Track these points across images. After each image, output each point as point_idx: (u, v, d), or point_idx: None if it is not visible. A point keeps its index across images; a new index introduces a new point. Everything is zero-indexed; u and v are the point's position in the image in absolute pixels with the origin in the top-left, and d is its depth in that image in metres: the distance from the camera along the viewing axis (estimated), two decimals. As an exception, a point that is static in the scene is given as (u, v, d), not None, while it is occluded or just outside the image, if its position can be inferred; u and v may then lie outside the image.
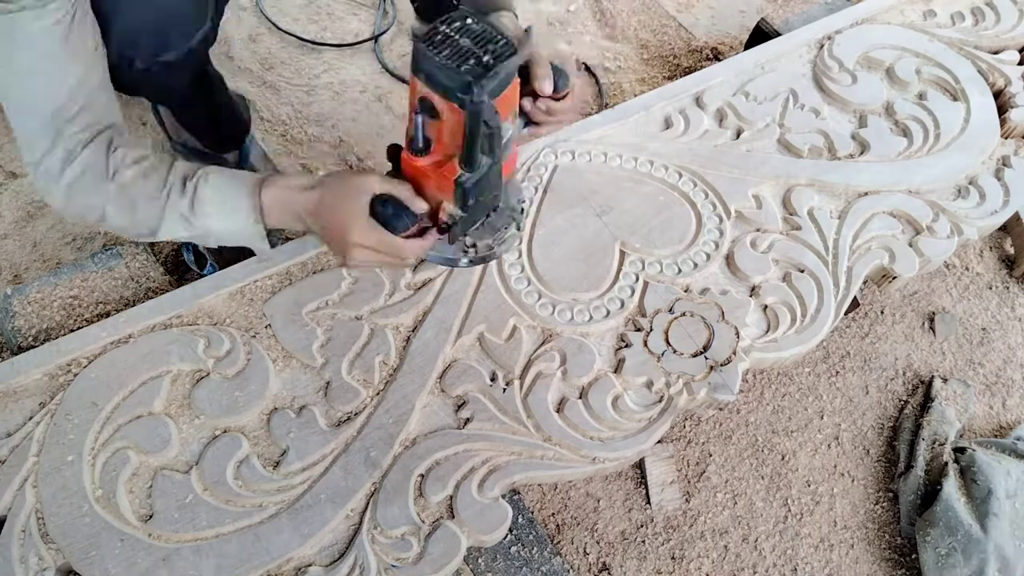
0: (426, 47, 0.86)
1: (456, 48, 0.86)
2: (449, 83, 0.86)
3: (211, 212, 1.00)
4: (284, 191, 1.01)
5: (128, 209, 1.00)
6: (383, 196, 0.96)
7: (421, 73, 0.88)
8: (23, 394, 1.06)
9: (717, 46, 2.04)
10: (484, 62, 0.86)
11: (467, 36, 0.87)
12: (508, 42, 0.88)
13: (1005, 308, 1.59)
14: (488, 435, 1.06)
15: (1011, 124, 1.49)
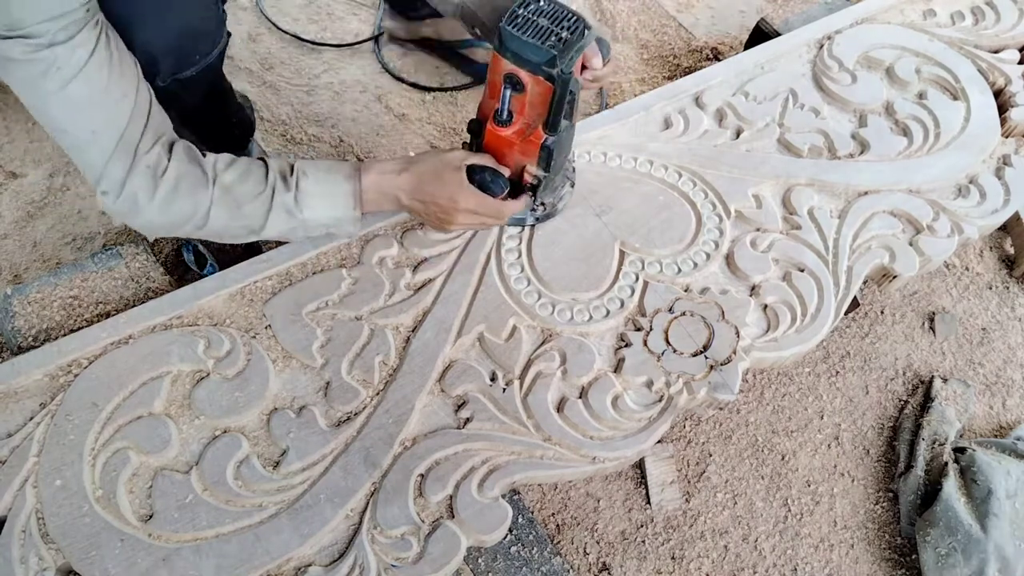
0: (511, 28, 0.98)
1: (537, 27, 0.98)
2: (536, 58, 0.98)
3: (315, 204, 1.07)
4: (380, 176, 1.09)
5: (233, 209, 1.04)
6: (475, 166, 1.09)
7: (508, 52, 0.99)
8: (23, 394, 1.06)
9: (717, 46, 2.04)
10: (563, 38, 0.97)
11: (543, 16, 0.99)
12: (579, 18, 1.00)
13: (1005, 308, 1.59)
14: (488, 435, 1.06)
15: (1011, 123, 1.49)
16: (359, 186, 1.09)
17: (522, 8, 1.00)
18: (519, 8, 1.00)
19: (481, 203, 1.09)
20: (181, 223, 1.04)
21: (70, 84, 0.90)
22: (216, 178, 1.03)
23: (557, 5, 1.01)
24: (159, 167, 1.00)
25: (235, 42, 1.90)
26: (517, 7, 1.00)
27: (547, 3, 1.01)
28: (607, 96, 1.91)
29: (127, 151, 0.97)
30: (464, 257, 1.22)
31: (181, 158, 1.02)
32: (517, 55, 0.99)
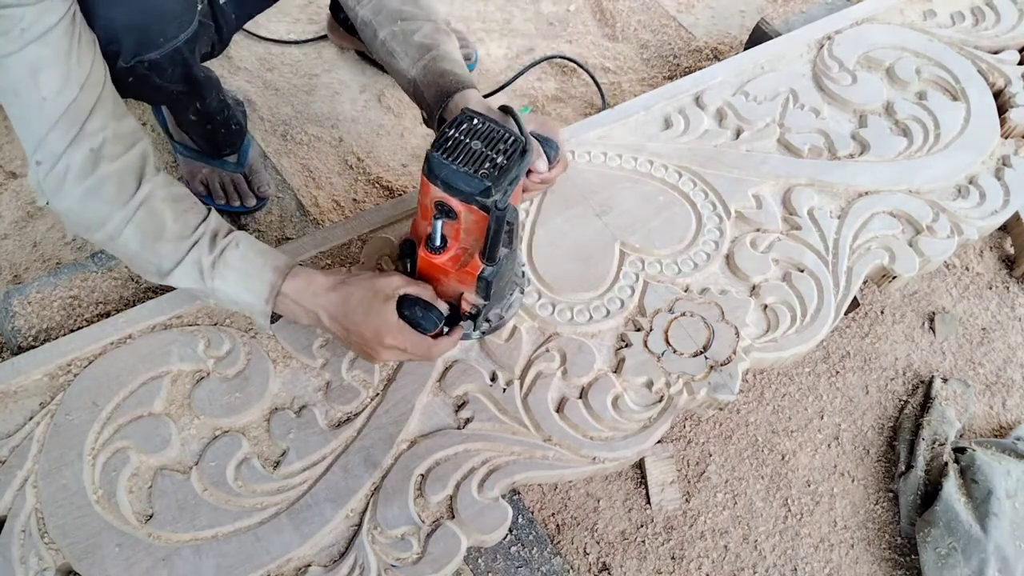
0: (440, 155, 0.89)
1: (469, 152, 0.89)
2: (468, 188, 0.88)
3: (230, 278, 0.99)
4: (307, 286, 1.00)
5: (149, 238, 0.97)
6: (408, 297, 0.98)
7: (437, 180, 0.89)
8: (23, 394, 1.06)
9: (717, 46, 2.04)
10: (498, 164, 0.89)
11: (477, 138, 0.90)
12: (516, 140, 0.91)
13: (1005, 308, 1.59)
14: (488, 435, 1.06)
15: (1011, 124, 1.49)
16: (280, 285, 1.00)
17: (453, 129, 0.91)
18: (450, 130, 0.91)
19: (408, 341, 0.98)
20: (96, 225, 0.96)
21: (30, 45, 0.86)
22: (147, 198, 0.96)
23: (492, 125, 0.92)
24: (101, 153, 0.93)
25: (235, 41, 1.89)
26: (448, 128, 0.91)
27: (481, 122, 0.92)
28: (608, 96, 1.91)
29: (73, 122, 0.91)
30: (464, 257, 1.22)
31: (130, 162, 0.96)
32: (447, 184, 0.89)
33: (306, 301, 1.00)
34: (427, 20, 1.16)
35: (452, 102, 1.09)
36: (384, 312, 0.96)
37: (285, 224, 1.60)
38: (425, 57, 1.12)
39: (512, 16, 2.09)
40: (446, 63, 1.12)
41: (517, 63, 1.97)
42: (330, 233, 1.25)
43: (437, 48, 1.13)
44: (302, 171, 1.71)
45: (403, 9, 1.16)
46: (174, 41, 1.11)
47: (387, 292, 0.97)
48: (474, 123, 0.92)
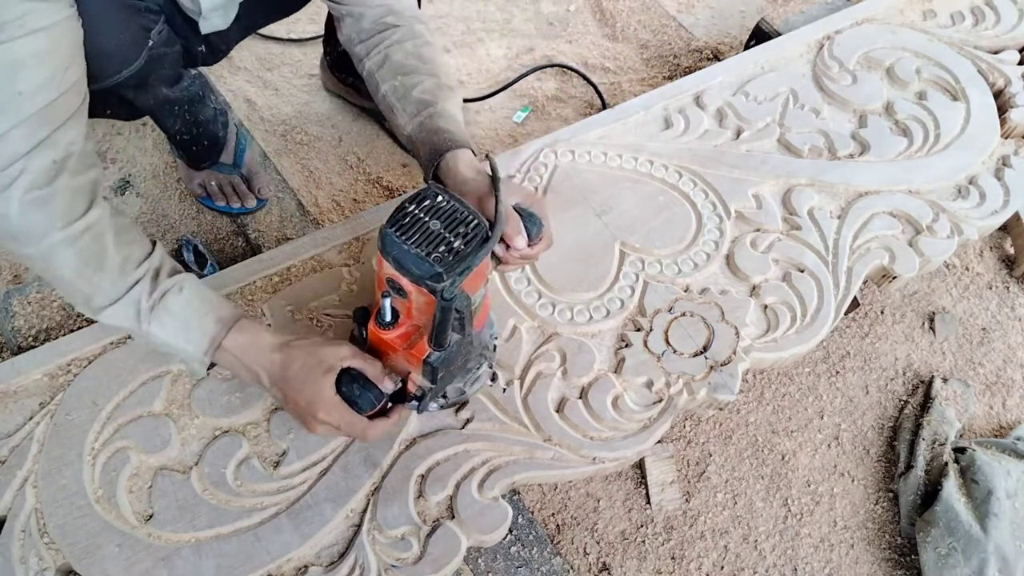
0: (393, 232, 0.83)
1: (425, 232, 0.83)
2: (419, 272, 0.83)
3: (169, 325, 0.93)
4: (250, 343, 0.94)
5: (88, 267, 0.90)
6: (351, 371, 0.92)
7: (389, 257, 0.84)
8: (23, 394, 1.06)
9: (717, 46, 2.04)
10: (454, 248, 0.83)
11: (437, 217, 0.84)
12: (479, 223, 0.85)
13: (1005, 308, 1.59)
14: (488, 435, 1.06)
15: (1011, 124, 1.49)
16: (223, 338, 0.94)
17: (414, 205, 0.85)
18: (410, 205, 0.85)
19: (342, 419, 0.91)
20: (31, 238, 0.87)
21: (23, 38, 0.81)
22: (94, 224, 0.89)
23: (456, 205, 0.85)
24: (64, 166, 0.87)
25: (235, 42, 1.89)
26: (408, 202, 0.85)
27: (445, 199, 0.85)
28: (607, 97, 1.91)
29: (44, 125, 0.84)
30: (464, 257, 1.22)
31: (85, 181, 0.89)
32: (398, 262, 0.83)
33: (248, 359, 0.95)
34: (429, 75, 1.11)
35: (444, 161, 1.05)
36: (321, 384, 0.90)
37: (285, 224, 1.60)
38: (422, 113, 1.08)
39: (512, 16, 2.09)
40: (442, 120, 1.07)
41: (517, 63, 1.97)
42: (330, 233, 1.25)
43: (435, 105, 1.08)
44: (302, 171, 1.71)
45: (405, 63, 1.12)
46: (114, 77, 1.09)
47: (330, 363, 0.91)
48: (437, 200, 0.85)
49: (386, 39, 1.14)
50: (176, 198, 1.63)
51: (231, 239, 1.59)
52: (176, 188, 1.64)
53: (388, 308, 0.89)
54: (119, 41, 1.07)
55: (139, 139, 1.69)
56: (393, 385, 0.95)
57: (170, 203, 1.62)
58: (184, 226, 1.59)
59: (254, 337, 0.95)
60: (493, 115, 1.86)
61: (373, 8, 1.14)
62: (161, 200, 1.63)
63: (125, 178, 1.65)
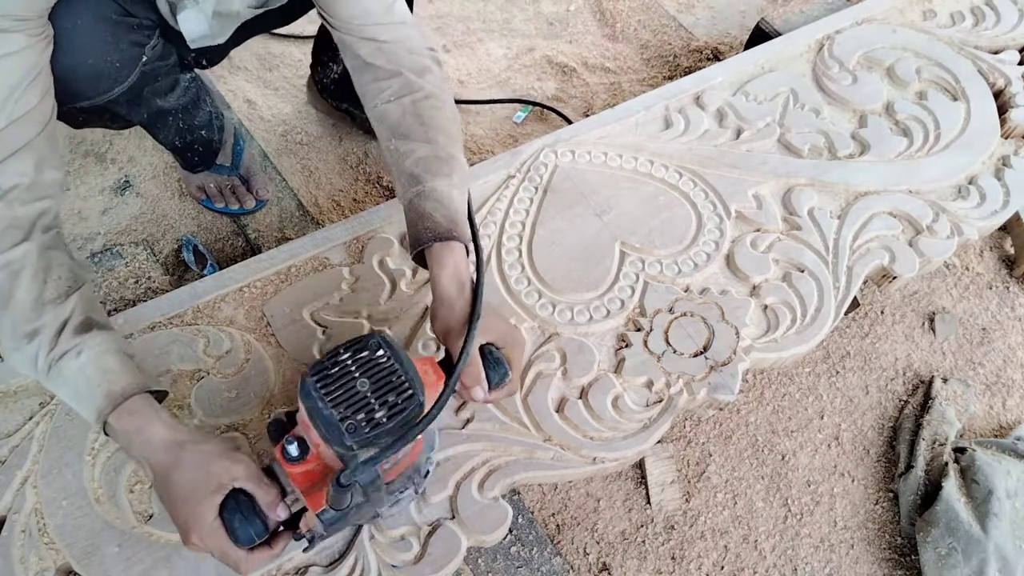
0: (314, 380, 0.74)
1: (349, 391, 0.73)
2: (329, 436, 0.73)
3: (62, 388, 0.87)
4: (138, 433, 0.84)
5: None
6: (239, 497, 0.81)
7: (303, 404, 0.75)
8: (23, 394, 1.06)
9: (717, 46, 2.04)
10: (375, 420, 0.73)
11: (369, 375, 0.74)
12: (411, 397, 0.74)
13: (1005, 308, 1.59)
14: (488, 435, 1.06)
15: (1011, 124, 1.49)
16: (106, 415, 0.84)
17: (348, 353, 0.75)
18: (345, 352, 0.75)
19: (216, 546, 0.81)
20: None
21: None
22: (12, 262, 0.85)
23: (395, 367, 0.75)
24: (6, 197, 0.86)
25: (235, 42, 1.89)
26: (344, 348, 0.76)
27: (386, 356, 0.75)
28: (601, 101, 1.91)
29: None
30: (464, 257, 1.22)
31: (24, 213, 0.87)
32: (310, 415, 0.74)
33: (133, 447, 0.85)
34: (424, 143, 1.00)
35: (430, 254, 0.95)
36: (203, 505, 0.80)
37: (285, 224, 1.60)
38: (412, 190, 0.98)
39: (512, 16, 2.09)
40: (429, 203, 0.96)
41: (517, 63, 1.97)
42: (330, 233, 1.25)
43: (424, 183, 0.97)
44: (302, 171, 1.71)
45: (401, 124, 1.01)
46: (107, 94, 1.09)
47: (220, 481, 0.81)
48: (376, 355, 0.75)
49: (383, 91, 1.03)
50: (176, 198, 1.63)
51: (231, 239, 1.59)
52: (176, 188, 1.64)
53: (295, 446, 0.77)
54: (109, 60, 1.06)
55: (139, 139, 1.69)
56: (286, 514, 0.83)
57: (170, 203, 1.62)
58: (184, 226, 1.59)
59: (144, 424, 0.85)
60: (493, 115, 1.86)
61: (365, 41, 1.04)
62: (161, 200, 1.62)
63: (125, 178, 1.65)
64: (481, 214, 1.27)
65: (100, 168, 1.67)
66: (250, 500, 0.81)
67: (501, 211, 1.28)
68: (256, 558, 0.84)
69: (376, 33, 1.04)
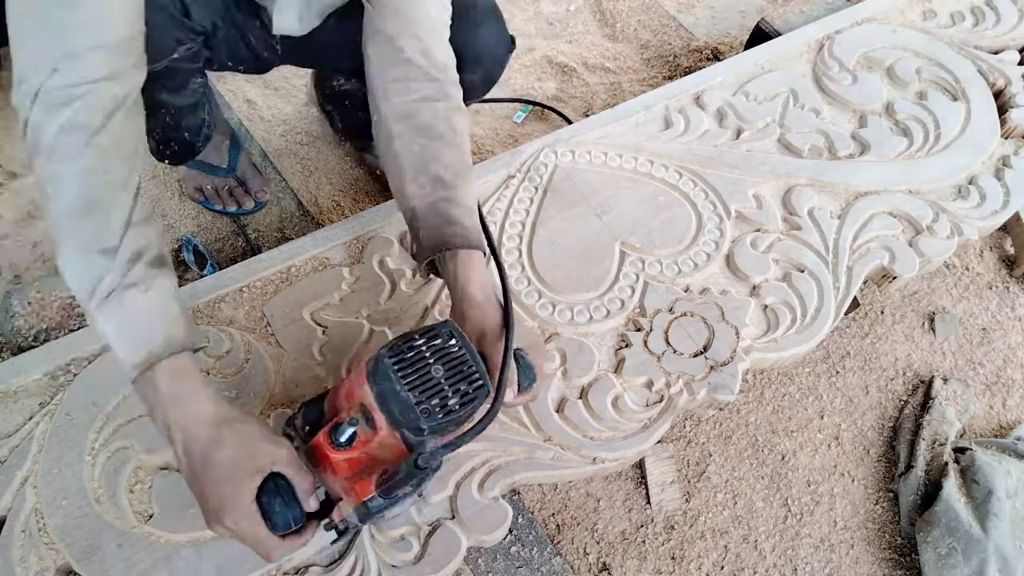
0: (392, 363, 0.74)
1: (424, 376, 0.74)
2: (402, 419, 0.74)
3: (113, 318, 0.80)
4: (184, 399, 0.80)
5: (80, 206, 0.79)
6: (277, 481, 0.79)
7: (375, 386, 0.75)
8: (23, 394, 1.06)
9: (717, 46, 2.04)
10: (448, 407, 0.74)
11: (442, 362, 0.75)
12: (482, 386, 0.76)
13: (1005, 308, 1.59)
14: (488, 435, 1.06)
15: (1011, 124, 1.49)
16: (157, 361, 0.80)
17: (423, 339, 0.76)
18: (420, 338, 0.76)
19: (249, 531, 0.78)
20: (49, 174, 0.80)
21: None
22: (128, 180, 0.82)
23: (466, 356, 0.76)
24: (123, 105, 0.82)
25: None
26: (419, 335, 0.76)
27: (458, 345, 0.77)
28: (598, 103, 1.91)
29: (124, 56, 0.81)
30: (464, 257, 1.22)
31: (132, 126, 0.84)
32: (383, 398, 0.75)
33: (172, 412, 0.80)
34: (455, 148, 0.98)
35: (451, 261, 0.94)
36: (241, 487, 0.77)
37: (285, 224, 1.60)
38: (437, 194, 0.96)
39: (512, 16, 2.09)
40: (458, 210, 0.96)
41: (517, 63, 1.97)
42: (330, 233, 1.25)
43: (455, 189, 0.96)
44: (302, 171, 1.70)
45: (434, 127, 0.98)
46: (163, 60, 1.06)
47: (260, 463, 0.79)
48: (449, 343, 0.77)
49: (415, 91, 0.99)
50: (176, 198, 1.63)
51: (231, 239, 1.59)
52: (176, 188, 1.64)
53: (348, 431, 0.77)
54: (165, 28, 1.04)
55: None
56: (317, 505, 0.83)
57: (170, 203, 1.62)
58: (184, 226, 1.59)
59: (192, 391, 0.81)
60: (493, 115, 1.86)
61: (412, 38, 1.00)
62: (161, 200, 1.62)
63: (125, 178, 1.65)
64: (481, 214, 1.27)
65: (100, 168, 1.67)
66: (289, 486, 0.79)
67: (501, 211, 1.28)
68: (287, 545, 0.81)
69: (427, 36, 1.01)
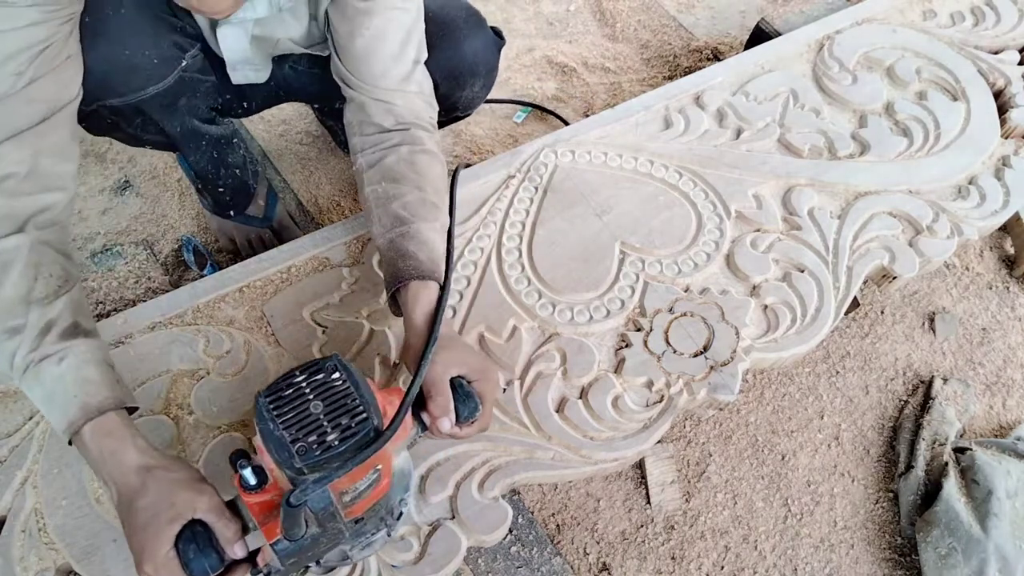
0: (267, 401, 0.72)
1: (302, 413, 0.71)
2: (279, 458, 0.71)
3: (35, 391, 0.84)
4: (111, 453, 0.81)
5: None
6: (196, 528, 0.77)
7: (258, 426, 0.72)
8: (23, 394, 1.06)
9: (717, 46, 2.04)
10: (326, 443, 0.70)
11: (323, 397, 0.72)
12: (366, 421, 0.72)
13: (1005, 308, 1.59)
14: (488, 435, 1.06)
15: (1011, 124, 1.49)
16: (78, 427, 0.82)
17: (304, 375, 0.73)
18: (300, 373, 0.73)
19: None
20: None
21: None
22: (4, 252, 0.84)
23: (350, 390, 0.73)
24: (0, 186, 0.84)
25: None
26: (300, 370, 0.74)
27: (342, 379, 0.73)
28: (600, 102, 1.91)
29: None
30: (464, 257, 1.22)
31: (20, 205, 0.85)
32: (264, 437, 0.72)
33: (102, 465, 0.82)
34: (415, 188, 1.03)
35: (403, 293, 0.96)
36: (159, 534, 0.76)
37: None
38: (395, 230, 0.99)
39: (512, 16, 2.09)
40: (413, 244, 0.98)
41: (517, 63, 1.97)
42: (330, 233, 1.25)
43: (410, 224, 0.99)
44: (302, 171, 1.71)
45: (395, 169, 1.04)
46: (141, 92, 1.07)
47: (179, 511, 0.78)
48: (332, 378, 0.73)
49: (384, 141, 1.07)
50: (176, 198, 1.63)
51: (231, 239, 1.59)
52: (176, 188, 1.64)
53: (251, 473, 0.74)
54: (147, 55, 1.04)
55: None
56: (244, 552, 0.80)
57: (170, 203, 1.62)
58: (184, 226, 1.59)
59: (117, 444, 0.82)
60: (493, 115, 1.86)
61: (377, 102, 1.07)
62: (161, 200, 1.63)
63: (125, 178, 1.65)
64: (481, 214, 1.27)
65: (100, 168, 1.67)
66: (207, 532, 0.78)
67: (501, 211, 1.28)
68: None
69: (391, 98, 1.07)
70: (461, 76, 1.26)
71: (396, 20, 1.05)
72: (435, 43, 1.14)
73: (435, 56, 1.14)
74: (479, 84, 1.31)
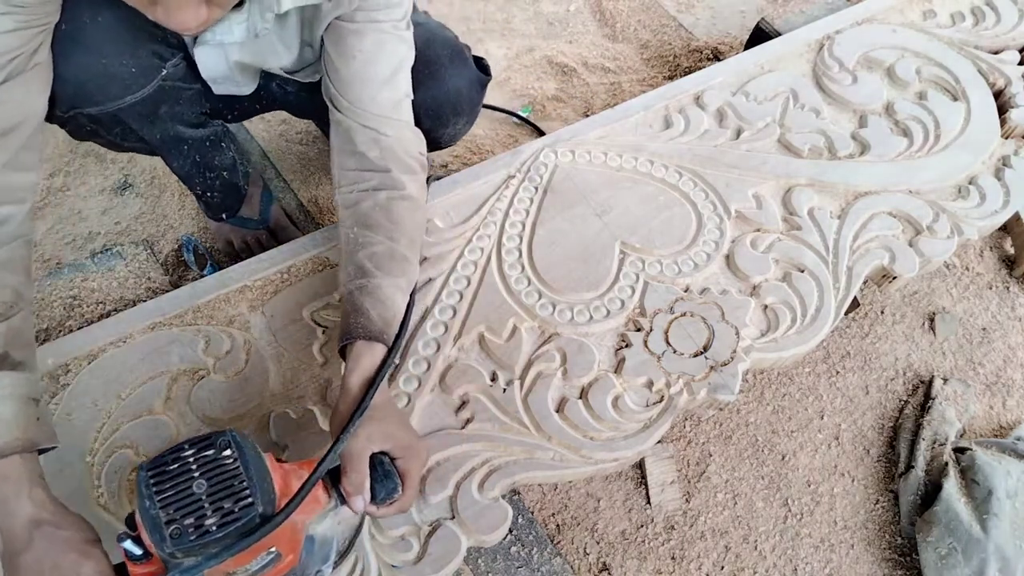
0: (148, 475, 0.67)
1: (183, 492, 0.66)
2: (152, 538, 0.67)
3: None
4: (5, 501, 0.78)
5: None
6: None
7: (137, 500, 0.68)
8: (23, 394, 1.06)
9: (717, 46, 2.04)
10: (204, 527, 0.66)
11: (208, 476, 0.67)
12: (250, 506, 0.67)
13: (1005, 308, 1.59)
14: (489, 435, 1.06)
15: (1011, 124, 1.49)
16: None
17: (193, 450, 0.68)
18: (189, 447, 0.69)
19: None
20: None
21: None
22: None
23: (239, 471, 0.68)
24: None
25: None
26: (190, 444, 0.69)
27: (233, 457, 0.69)
28: (599, 101, 1.91)
29: None
30: (464, 257, 1.22)
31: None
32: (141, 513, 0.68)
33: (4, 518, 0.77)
34: (386, 238, 1.00)
35: (352, 350, 0.92)
36: None
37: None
38: (356, 282, 0.97)
39: (512, 16, 2.09)
40: (368, 300, 0.95)
41: (517, 63, 1.97)
42: (330, 233, 1.25)
43: (371, 278, 0.96)
44: (302, 171, 1.71)
45: (370, 216, 1.01)
46: (118, 101, 1.06)
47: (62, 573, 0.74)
48: (223, 455, 0.69)
49: (363, 181, 1.04)
50: (176, 198, 1.63)
51: (231, 239, 1.59)
52: (176, 188, 1.64)
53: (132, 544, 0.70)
54: (125, 64, 1.03)
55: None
56: None
57: (170, 203, 1.62)
58: (184, 226, 1.59)
59: (11, 492, 0.78)
60: (494, 115, 1.86)
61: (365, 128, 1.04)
62: (161, 200, 1.63)
63: (125, 178, 1.65)
64: (481, 214, 1.27)
65: (100, 168, 1.67)
66: None
67: (501, 211, 1.28)
68: None
69: (379, 125, 1.04)
70: (444, 115, 1.26)
71: (389, 47, 1.04)
72: (420, 80, 1.13)
73: (419, 94, 1.13)
74: (462, 122, 1.32)
